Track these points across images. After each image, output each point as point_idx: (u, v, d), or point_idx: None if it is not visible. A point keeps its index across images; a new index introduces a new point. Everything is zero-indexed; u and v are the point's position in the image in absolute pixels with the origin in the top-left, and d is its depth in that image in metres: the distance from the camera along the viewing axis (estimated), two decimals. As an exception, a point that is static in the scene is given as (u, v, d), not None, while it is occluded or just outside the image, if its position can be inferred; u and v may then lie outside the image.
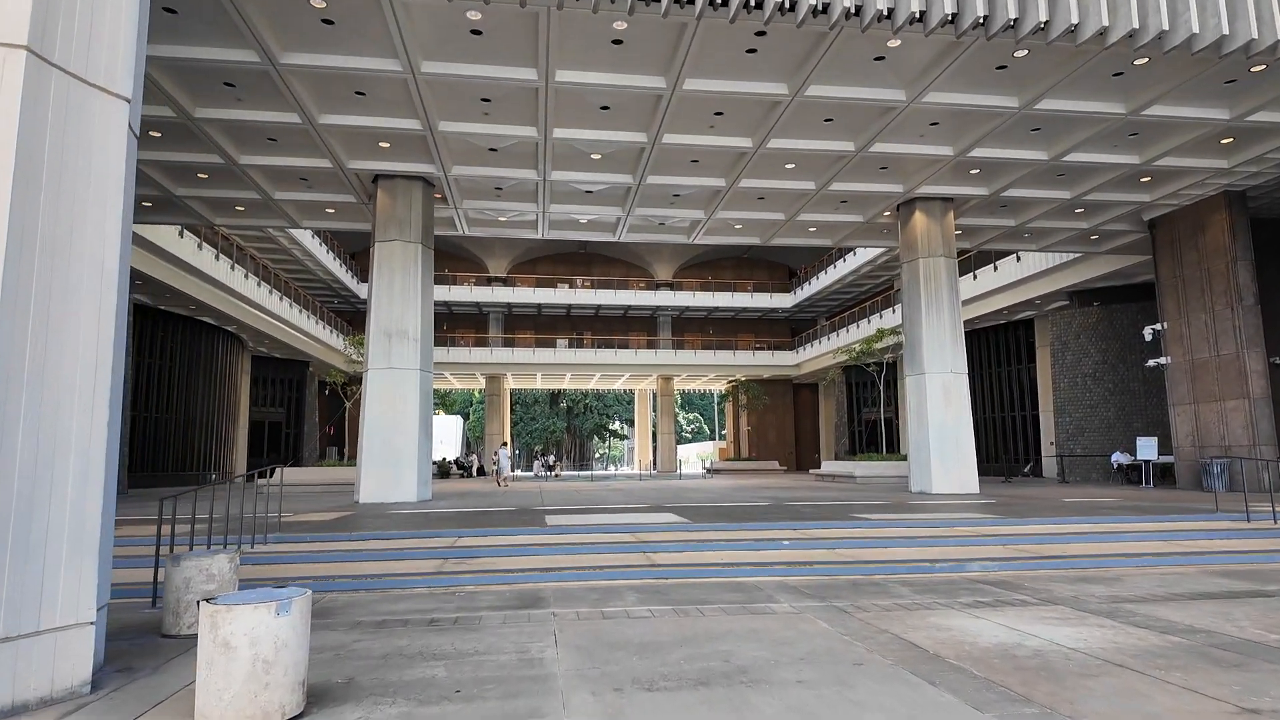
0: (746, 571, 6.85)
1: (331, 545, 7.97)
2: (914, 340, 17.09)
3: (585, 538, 8.26)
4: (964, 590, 6.33)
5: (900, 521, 9.49)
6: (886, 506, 12.24)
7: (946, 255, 17.07)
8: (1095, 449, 24.97)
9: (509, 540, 8.19)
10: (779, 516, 10.29)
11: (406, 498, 14.61)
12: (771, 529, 8.95)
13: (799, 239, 20.07)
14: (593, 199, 17.09)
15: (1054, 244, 21.05)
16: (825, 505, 12.55)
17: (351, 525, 9.60)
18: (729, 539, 8.20)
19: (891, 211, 18.15)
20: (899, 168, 15.60)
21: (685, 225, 19.07)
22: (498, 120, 13.23)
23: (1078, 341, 25.89)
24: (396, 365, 14.95)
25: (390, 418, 14.77)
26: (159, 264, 22.15)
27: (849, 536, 8.51)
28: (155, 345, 26.81)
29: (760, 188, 16.26)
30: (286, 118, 12.85)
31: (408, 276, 15.27)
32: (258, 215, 17.91)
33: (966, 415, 16.60)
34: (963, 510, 11.51)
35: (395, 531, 8.55)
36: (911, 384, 17.09)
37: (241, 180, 15.61)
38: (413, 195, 15.56)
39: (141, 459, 26.07)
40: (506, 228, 19.00)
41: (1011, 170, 15.61)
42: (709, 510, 11.56)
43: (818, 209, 17.81)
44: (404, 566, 7.06)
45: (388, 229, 15.39)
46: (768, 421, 48.36)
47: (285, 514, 11.84)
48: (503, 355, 42.68)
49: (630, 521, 9.54)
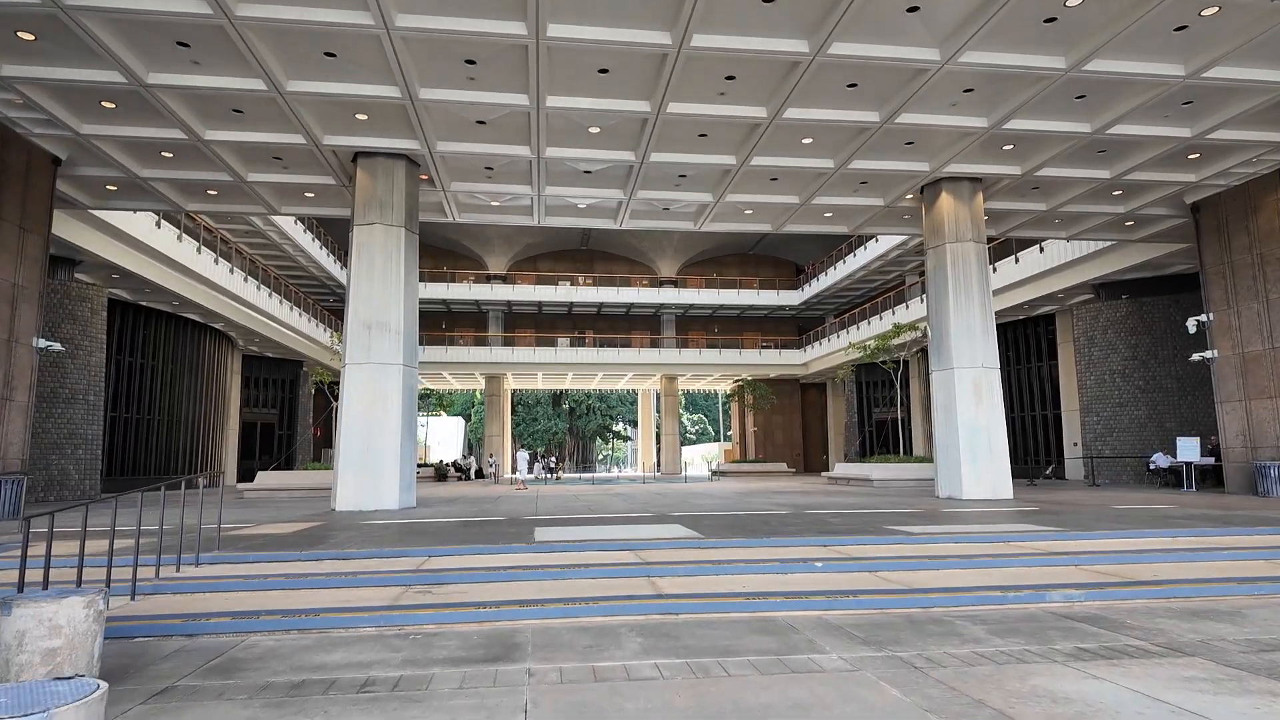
0: (776, 604, 5.53)
1: (275, 567, 6.66)
2: (941, 332, 15.74)
3: (578, 558, 6.94)
4: (1054, 630, 5.00)
5: (946, 536, 8.16)
6: (921, 516, 10.90)
7: (976, 240, 15.73)
8: (1125, 450, 23.57)
9: (487, 561, 6.87)
10: (803, 529, 8.96)
11: (387, 505, 13.31)
12: (798, 545, 7.62)
13: (813, 225, 18.73)
14: (592, 180, 15.77)
15: (1085, 231, 19.69)
16: (851, 514, 11.22)
17: (312, 540, 8.31)
18: (750, 559, 6.87)
19: (914, 195, 16.81)
20: (926, 143, 14.26)
21: (691, 210, 17.74)
22: (485, 86, 11.93)
23: (1105, 337, 24.50)
24: (377, 360, 13.66)
25: (370, 418, 13.48)
26: (136, 256, 20.93)
27: (891, 556, 7.18)
28: (136, 342, 25.56)
29: (774, 167, 14.93)
30: (250, 84, 11.56)
31: (389, 263, 13.98)
32: (232, 199, 16.63)
33: (999, 413, 15.24)
34: (1008, 520, 10.17)
35: (356, 550, 7.24)
36: (938, 380, 15.74)
37: (210, 160, 14.34)
38: (395, 175, 14.26)
39: (121, 462, 24.82)
40: (499, 213, 17.70)
41: (1048, 145, 14.25)
42: (721, 521, 10.24)
43: (835, 191, 16.47)
44: (356, 596, 5.76)
45: (367, 211, 14.10)
46: (774, 422, 47.02)
47: (247, 524, 10.56)
48: (503, 354, 41.41)
49: (631, 536, 8.22)
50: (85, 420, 20.46)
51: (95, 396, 20.90)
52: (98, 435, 20.94)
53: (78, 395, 20.27)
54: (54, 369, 19.65)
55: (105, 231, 18.94)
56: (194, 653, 4.58)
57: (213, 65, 11.18)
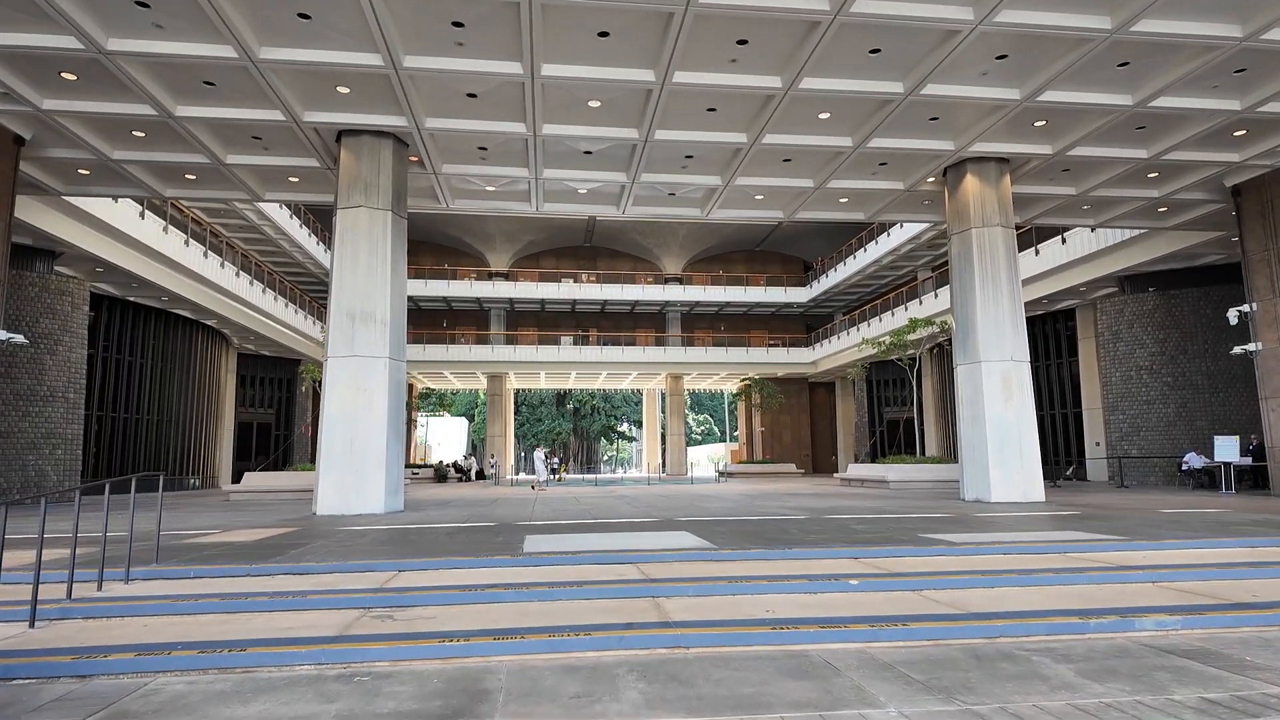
0: (808, 634, 4.53)
1: (216, 585, 5.70)
2: (966, 324, 14.70)
3: (571, 573, 5.96)
4: (1162, 671, 3.99)
5: (994, 546, 7.14)
6: (954, 522, 9.87)
7: (1004, 225, 14.69)
8: (1153, 449, 22.48)
9: (464, 577, 5.89)
10: (827, 538, 7.96)
11: (371, 509, 12.35)
12: (825, 557, 6.63)
13: (828, 212, 17.70)
14: (593, 162, 14.79)
15: (1114, 219, 18.63)
16: (876, 520, 10.21)
17: (273, 550, 7.35)
18: (771, 575, 5.87)
19: (937, 178, 15.77)
20: (952, 118, 13.23)
21: (698, 196, 16.74)
22: (474, 53, 10.95)
23: (1131, 331, 23.41)
24: (361, 353, 12.70)
25: (353, 415, 12.52)
26: (119, 249, 20.05)
27: (935, 570, 6.17)
28: (124, 339, 24.69)
29: (787, 146, 13.93)
30: (220, 51, 10.61)
31: (375, 249, 13.02)
32: (212, 185, 15.71)
33: (1030, 410, 14.20)
34: (1053, 526, 9.14)
35: (315, 563, 6.27)
36: (964, 374, 14.70)
37: (185, 140, 13.41)
38: (381, 155, 13.31)
39: (108, 463, 23.96)
40: (495, 199, 16.72)
41: (1084, 121, 13.21)
42: (733, 527, 9.24)
43: (852, 174, 15.45)
44: (301, 623, 4.78)
45: (352, 194, 13.15)
46: (782, 422, 45.98)
47: (212, 531, 9.61)
48: (505, 353, 40.48)
49: (633, 546, 7.22)
50: (65, 419, 19.56)
51: (76, 394, 20.01)
52: (78, 435, 20.05)
53: (56, 393, 19.38)
54: (31, 365, 18.77)
55: (85, 222, 18.05)
56: (77, 702, 3.61)
57: (177, 29, 10.25)
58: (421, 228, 41.18)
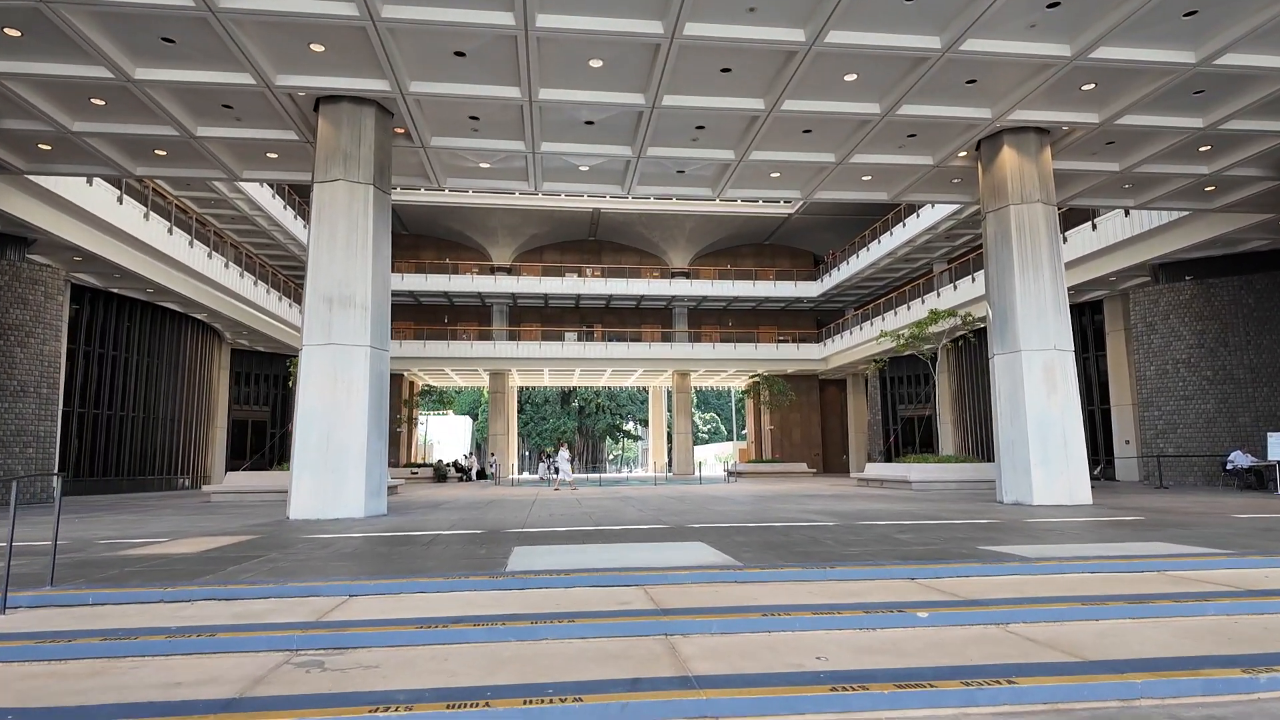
0: (882, 697, 3.30)
1: (115, 616, 4.50)
2: (1004, 310, 13.43)
3: (562, 599, 4.74)
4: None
5: (1075, 562, 5.90)
6: (1006, 529, 8.62)
7: (1044, 201, 13.41)
8: (1191, 448, 21.13)
9: (427, 606, 4.68)
10: (870, 550, 6.73)
11: (350, 512, 11.16)
12: (874, 577, 5.40)
13: (849, 192, 16.42)
14: (595, 133, 13.56)
15: (1156, 199, 17.32)
16: (917, 526, 8.97)
17: (213, 566, 6.17)
18: (814, 603, 4.64)
19: (969, 152, 14.50)
20: (992, 81, 11.96)
21: (710, 173, 15.50)
22: (461, 1, 9.75)
23: (1166, 323, 22.05)
24: (340, 340, 11.51)
25: (331, 409, 11.33)
26: (97, 236, 18.95)
27: (1016, 596, 4.93)
28: (107, 332, 23.59)
29: (808, 113, 12.68)
30: None
31: (355, 226, 11.83)
32: (185, 162, 14.54)
33: (1074, 404, 12.92)
34: (1129, 535, 7.88)
35: (248, 586, 5.08)
36: (1002, 365, 13.42)
37: (149, 109, 12.25)
38: (363, 123, 12.12)
39: (89, 462, 22.87)
40: (490, 176, 15.50)
41: (1139, 83, 11.93)
42: (756, 536, 8.01)
43: (878, 147, 14.18)
44: (202, 672, 3.58)
45: (330, 166, 11.96)
46: (792, 420, 44.68)
47: (160, 539, 8.43)
48: (507, 349, 39.30)
49: (641, 564, 6.00)
50: (37, 415, 18.46)
51: (50, 389, 18.91)
52: (53, 432, 18.96)
53: (28, 388, 18.27)
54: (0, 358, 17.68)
55: (58, 206, 16.94)
56: None
57: (124, -28, 9.09)
58: (422, 221, 40.06)
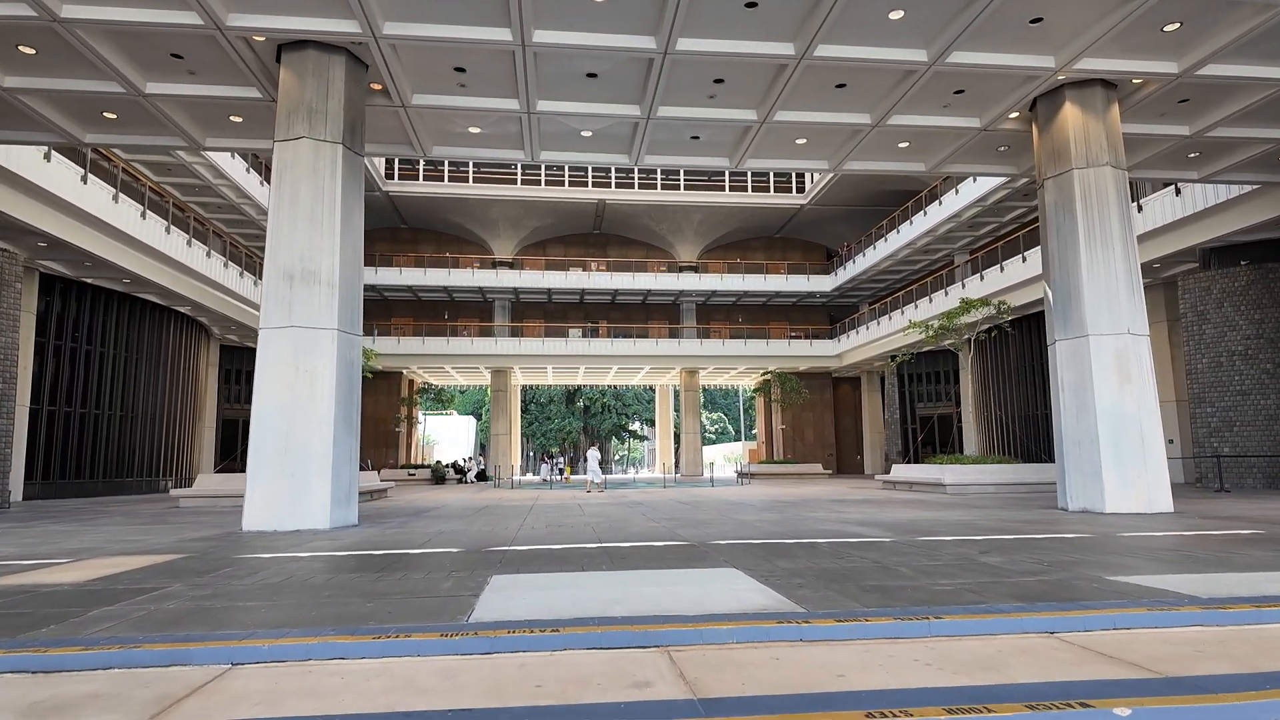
0: None
1: None
2: (1067, 289, 11.72)
3: (543, 673, 3.08)
4: None
5: (1273, 607, 4.21)
6: (1107, 546, 6.93)
7: (1114, 164, 11.70)
8: (1250, 447, 19.36)
9: (331, 690, 3.04)
10: (963, 584, 5.07)
11: (312, 523, 9.53)
12: (999, 631, 3.74)
13: (882, 162, 14.71)
14: (599, 89, 11.91)
15: (1224, 170, 15.56)
16: (995, 544, 7.28)
17: (84, 604, 4.55)
18: (943, 693, 2.98)
19: (1022, 111, 12.80)
20: (1060, 19, 10.24)
21: (728, 139, 13.82)
22: (436, -89, 8.15)
23: (1220, 311, 20.28)
24: (301, 323, 9.88)
25: (291, 402, 9.71)
26: (61, 219, 17.42)
27: (1248, 673, 3.26)
28: (80, 325, 22.07)
29: (844, 62, 10.99)
30: (93, -91, 7.87)
31: (321, 191, 10.21)
32: (139, 127, 12.95)
33: (1152, 397, 11.23)
34: (1273, 558, 6.19)
35: (83, 652, 3.44)
36: (1065, 353, 11.71)
37: (88, 61, 10.65)
38: (331, 74, 10.50)
39: (60, 464, 21.34)
40: (482, 144, 13.85)
41: (1233, 21, 10.21)
42: (804, 559, 6.34)
43: (920, 106, 12.49)
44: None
45: (293, 123, 10.35)
46: (804, 419, 42.97)
47: (65, 560, 6.82)
48: (509, 346, 37.72)
49: (660, 608, 4.31)
50: (-7, 413, 16.94)
51: (8, 384, 17.39)
52: (9, 430, 17.42)
53: (-17, 383, 16.76)
54: (-51, 350, 16.16)
55: (11, 184, 15.39)
56: None
57: None
58: (421, 213, 38.55)
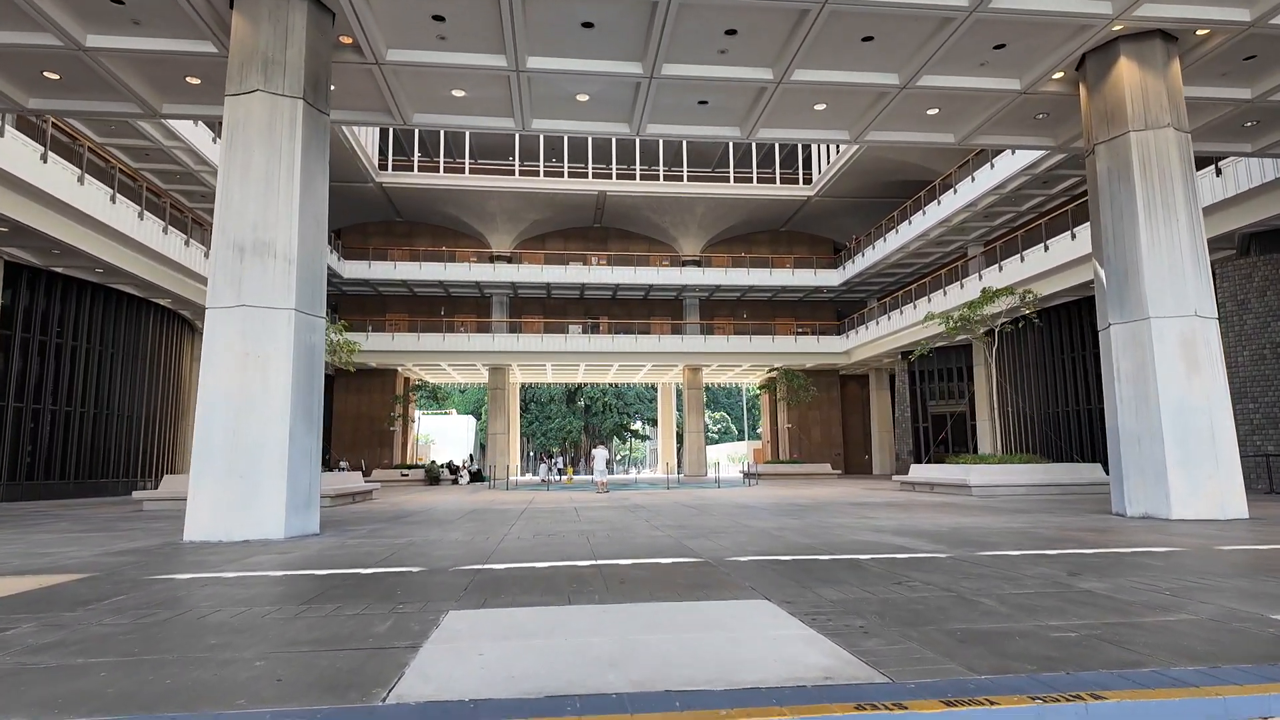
0: None
1: None
2: (1123, 267, 10.39)
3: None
4: None
5: None
6: (1211, 565, 5.62)
7: (1177, 126, 10.39)
8: (1297, 446, 18.05)
9: None
10: (1077, 626, 3.76)
11: (265, 532, 8.22)
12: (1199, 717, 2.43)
13: (908, 132, 13.39)
14: (596, 41, 10.60)
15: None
16: (1065, 558, 5.97)
17: None
18: None
19: (1066, 72, 11.48)
20: (1124, -45, 8.98)
21: (740, 105, 12.50)
22: None
23: (1263, 300, 18.94)
24: (253, 301, 8.58)
25: (240, 392, 8.41)
26: (22, 202, 16.14)
27: None
28: (50, 318, 20.80)
29: (873, 7, 9.69)
30: None
31: (277, 151, 8.91)
32: (88, 91, 11.66)
33: (1222, 388, 9.90)
34: None
35: None
36: (1121, 338, 10.38)
37: (14, 3, 9.39)
38: (291, 19, 9.20)
39: (30, 463, 20.09)
40: (468, 112, 12.55)
41: (1322, -43, 8.93)
42: (852, 586, 5.03)
43: (953, 64, 11.17)
44: None
45: (246, 75, 9.05)
46: (811, 418, 41.66)
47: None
48: (507, 343, 36.42)
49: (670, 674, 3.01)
50: (-56, 409, 15.68)
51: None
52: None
53: (-67, 377, 15.49)
54: (-109, 341, 14.89)
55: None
56: None
57: None
58: (416, 206, 37.29)
